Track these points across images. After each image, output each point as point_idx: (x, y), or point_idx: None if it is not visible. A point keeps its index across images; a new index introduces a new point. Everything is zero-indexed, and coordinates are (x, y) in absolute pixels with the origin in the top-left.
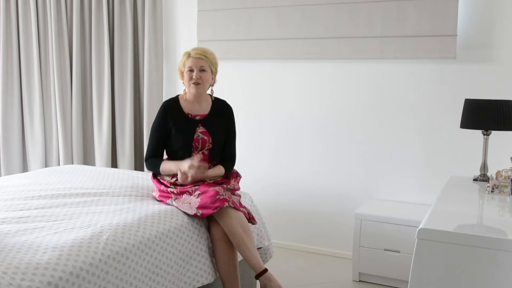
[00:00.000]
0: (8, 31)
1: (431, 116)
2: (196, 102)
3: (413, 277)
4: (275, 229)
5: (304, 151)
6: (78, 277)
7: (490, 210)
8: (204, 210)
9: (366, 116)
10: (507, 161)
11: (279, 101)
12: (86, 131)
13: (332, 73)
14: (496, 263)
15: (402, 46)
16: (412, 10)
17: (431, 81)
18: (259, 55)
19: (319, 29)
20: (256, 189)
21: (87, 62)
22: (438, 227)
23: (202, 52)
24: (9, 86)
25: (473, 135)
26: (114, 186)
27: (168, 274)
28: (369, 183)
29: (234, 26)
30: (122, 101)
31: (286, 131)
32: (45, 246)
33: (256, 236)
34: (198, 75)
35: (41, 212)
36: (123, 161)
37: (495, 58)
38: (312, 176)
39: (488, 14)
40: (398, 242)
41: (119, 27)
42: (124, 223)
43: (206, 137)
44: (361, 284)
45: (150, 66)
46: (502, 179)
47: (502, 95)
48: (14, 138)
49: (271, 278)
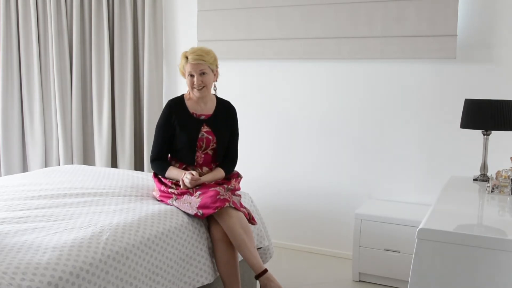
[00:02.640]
0: (8, 31)
1: (431, 116)
2: (201, 102)
3: (413, 277)
4: (275, 229)
5: (304, 151)
6: (78, 277)
7: (490, 210)
8: (204, 210)
9: (366, 116)
10: (507, 161)
11: (279, 101)
12: (86, 131)
13: (332, 73)
14: (496, 263)
15: (402, 46)
16: (412, 10)
17: (431, 81)
18: (259, 55)
19: (318, 29)
20: (256, 189)
21: (87, 62)
22: (438, 227)
23: (199, 57)
24: (9, 86)
25: (473, 135)
26: (114, 186)
27: (168, 274)
28: (369, 183)
29: (234, 26)
30: (122, 101)
31: (286, 131)
32: (45, 246)
33: (256, 236)
34: (199, 80)
35: (41, 212)
36: (123, 161)
37: (495, 58)
38: (312, 176)
39: (488, 14)
40: (398, 242)
41: (119, 27)
42: (124, 223)
43: (211, 137)
44: (361, 284)
45: (150, 66)
46: (502, 179)
47: (502, 95)
48: (14, 138)
49: (271, 279)
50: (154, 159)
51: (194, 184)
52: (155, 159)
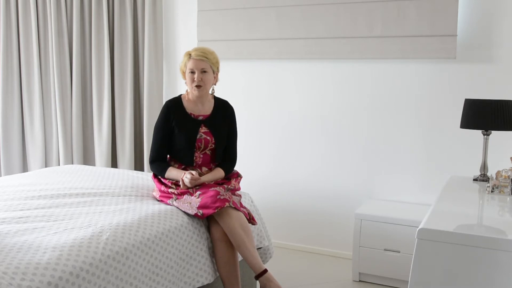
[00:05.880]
0: (8, 31)
1: (431, 116)
2: (199, 102)
3: (413, 277)
4: (275, 229)
5: (304, 151)
6: (78, 277)
7: (490, 210)
8: (204, 210)
9: (366, 116)
10: (507, 161)
11: (279, 101)
12: (86, 131)
13: (332, 73)
14: (496, 263)
15: (402, 46)
16: (412, 10)
17: (431, 81)
18: (259, 55)
19: (319, 29)
20: (256, 189)
21: (87, 62)
22: (438, 227)
23: (202, 53)
24: (9, 86)
25: (473, 135)
26: (114, 186)
27: (168, 274)
28: (369, 183)
29: (234, 26)
30: (122, 101)
31: (286, 131)
32: (45, 246)
33: (256, 236)
34: (199, 77)
35: (41, 212)
36: (123, 161)
37: (495, 58)
38: (312, 176)
39: (488, 14)
40: (398, 242)
41: (119, 27)
42: (124, 223)
43: (209, 137)
44: (361, 284)
45: (150, 66)
46: (502, 179)
47: (502, 95)
48: (14, 138)
49: (270, 279)
50: (153, 161)
51: (194, 184)
52: (154, 161)
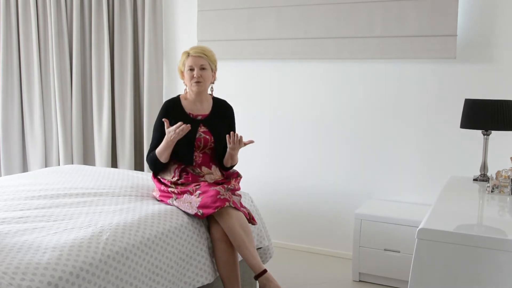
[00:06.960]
0: (8, 31)
1: (431, 116)
2: (197, 102)
3: (413, 277)
4: (275, 229)
5: (304, 151)
6: (78, 277)
7: (490, 210)
8: (204, 210)
9: (366, 116)
10: (507, 161)
11: (279, 101)
12: (86, 131)
13: (332, 73)
14: (496, 263)
15: (402, 46)
16: (412, 10)
17: (431, 81)
18: (259, 55)
19: (319, 29)
20: (256, 189)
21: (87, 62)
22: (438, 227)
23: (201, 51)
24: (9, 86)
25: (473, 135)
26: (114, 186)
27: (168, 274)
28: (369, 183)
29: (234, 26)
30: (122, 101)
31: (287, 131)
32: (45, 246)
33: (256, 236)
34: (199, 73)
35: (41, 212)
36: (123, 161)
37: (495, 58)
38: (312, 176)
39: (488, 14)
40: (398, 242)
41: (119, 27)
42: (124, 223)
43: (208, 137)
44: (361, 284)
45: (150, 66)
46: (502, 179)
47: (502, 95)
48: (14, 138)
49: (270, 279)
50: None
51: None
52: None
